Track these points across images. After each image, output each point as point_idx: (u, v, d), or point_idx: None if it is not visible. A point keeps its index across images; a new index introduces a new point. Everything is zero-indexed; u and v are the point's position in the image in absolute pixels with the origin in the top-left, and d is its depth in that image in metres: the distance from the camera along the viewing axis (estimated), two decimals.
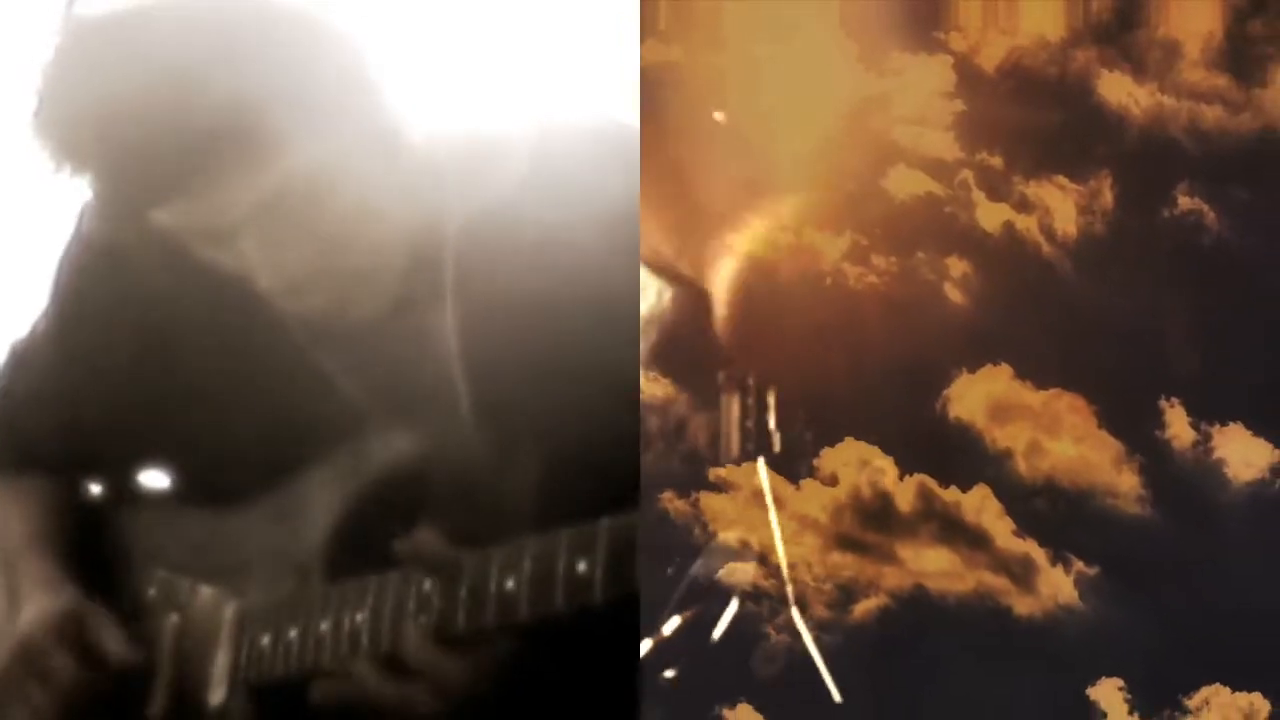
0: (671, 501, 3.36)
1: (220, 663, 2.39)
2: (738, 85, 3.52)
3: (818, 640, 3.46)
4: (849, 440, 3.44)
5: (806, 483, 3.44)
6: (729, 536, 3.40)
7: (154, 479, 2.56)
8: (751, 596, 3.44)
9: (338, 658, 2.28)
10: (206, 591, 2.45)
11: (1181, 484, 3.52)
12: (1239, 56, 3.52)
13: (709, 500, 3.44)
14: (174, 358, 2.47)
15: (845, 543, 3.45)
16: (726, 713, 3.37)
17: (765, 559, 3.45)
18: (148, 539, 2.57)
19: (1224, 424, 3.50)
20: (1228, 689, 3.41)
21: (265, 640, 2.36)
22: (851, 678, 3.45)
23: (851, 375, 3.50)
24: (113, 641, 2.46)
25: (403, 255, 2.31)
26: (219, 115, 2.07)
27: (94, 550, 2.59)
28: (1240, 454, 3.49)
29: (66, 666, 2.43)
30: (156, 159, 2.06)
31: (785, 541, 3.46)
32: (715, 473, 3.42)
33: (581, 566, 2.07)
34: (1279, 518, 3.50)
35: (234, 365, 2.43)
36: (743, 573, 3.44)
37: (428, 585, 2.17)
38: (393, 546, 2.19)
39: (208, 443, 2.47)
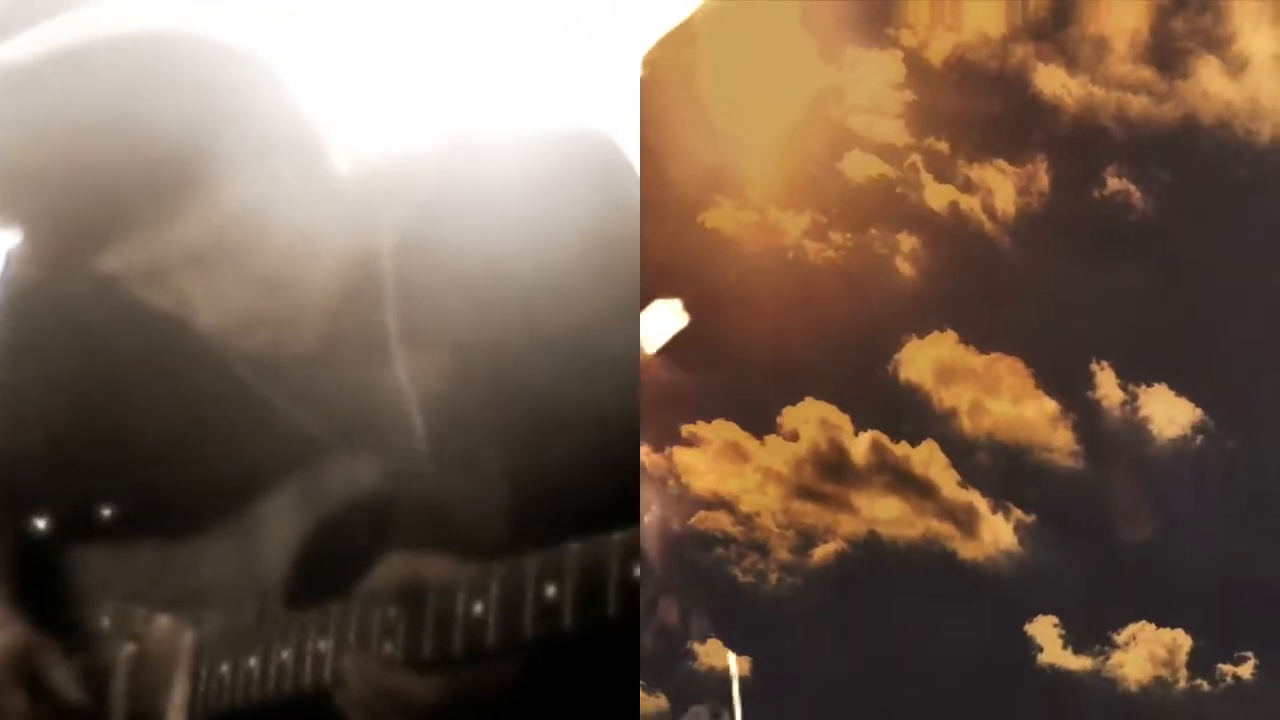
0: (648, 456, 3.42)
1: (178, 692, 2.27)
2: (708, 78, 3.59)
3: (780, 582, 3.59)
4: (809, 400, 3.52)
5: (770, 438, 3.52)
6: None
7: (108, 512, 2.41)
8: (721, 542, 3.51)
9: (300, 686, 2.15)
10: (163, 620, 2.33)
11: (1111, 440, 3.59)
12: (1163, 51, 3.59)
13: (681, 455, 3.51)
14: (121, 395, 2.33)
15: (805, 493, 3.52)
16: (697, 646, 3.46)
17: (734, 508, 3.51)
18: (103, 570, 2.42)
19: (1150, 385, 3.57)
20: (1153, 625, 3.50)
21: (224, 669, 2.24)
22: (811, 615, 3.52)
23: (811, 341, 3.57)
24: (63, 680, 2.33)
25: (341, 283, 2.20)
26: (154, 158, 1.98)
27: (48, 583, 2.45)
28: (1165, 412, 3.57)
29: (17, 705, 2.29)
30: (92, 205, 1.97)
31: (751, 492, 3.52)
32: (687, 429, 3.50)
33: (550, 591, 1.92)
34: (1200, 470, 3.57)
35: (183, 399, 2.30)
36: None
37: (392, 612, 2.05)
38: (360, 583, 2.11)
39: (161, 476, 2.33)
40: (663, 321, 3.31)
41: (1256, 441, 3.58)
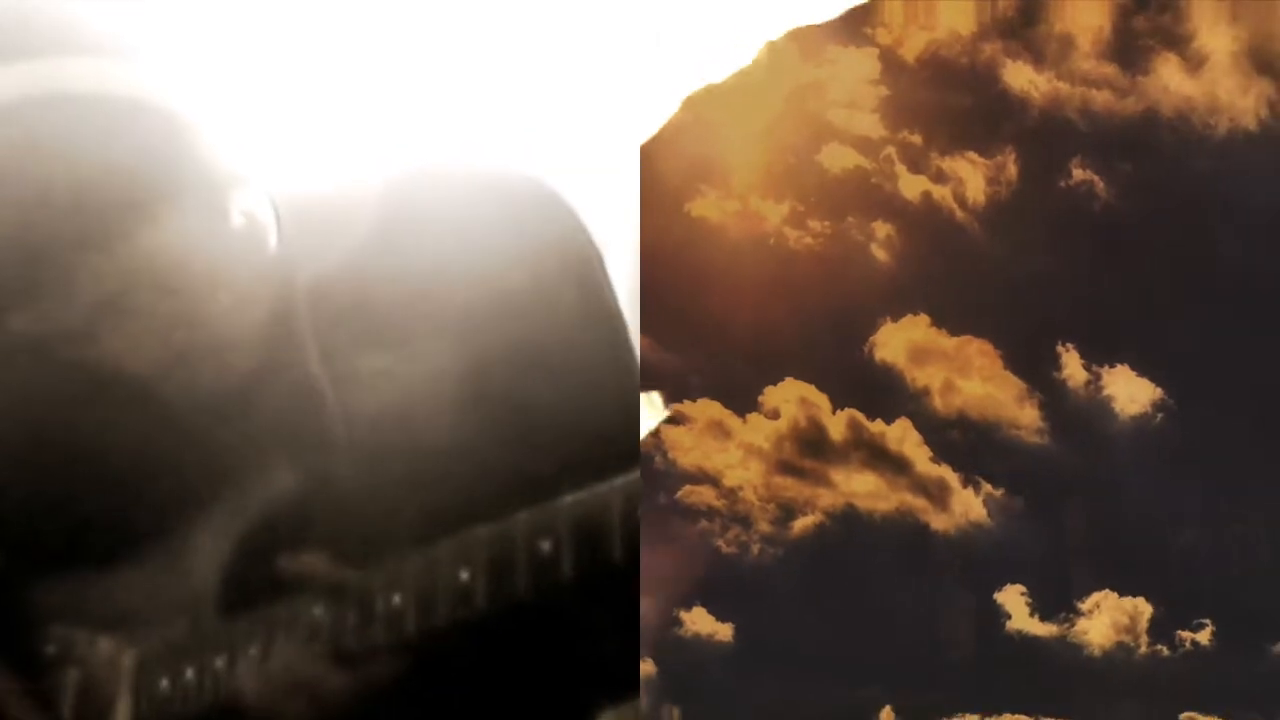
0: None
1: (121, 711, 2.26)
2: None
3: (762, 552, 3.59)
4: (789, 380, 3.58)
5: (752, 416, 3.58)
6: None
7: (47, 544, 2.33)
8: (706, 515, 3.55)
9: (235, 692, 2.16)
10: (104, 643, 2.30)
11: (1075, 418, 3.65)
12: (1125, 48, 3.68)
13: (668, 432, 3.56)
14: (53, 436, 2.26)
15: (786, 468, 3.58)
16: (683, 614, 3.51)
17: (718, 483, 3.57)
18: (44, 599, 2.36)
19: (1112, 366, 3.64)
20: (1115, 594, 3.56)
21: (164, 684, 2.23)
22: (791, 584, 3.58)
23: (791, 323, 3.63)
24: (17, 709, 2.29)
25: (263, 315, 2.19)
26: (59, 220, 1.97)
27: None
28: (1126, 391, 3.64)
29: None
30: (1, 270, 1.95)
31: (734, 467, 3.57)
32: (674, 407, 3.55)
33: (464, 576, 1.95)
34: (1160, 447, 3.64)
35: (113, 435, 2.25)
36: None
37: (317, 611, 2.07)
38: (279, 566, 2.14)
39: (99, 507, 2.28)
40: (647, 415, 3.38)
41: (1213, 419, 3.65)
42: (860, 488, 3.60)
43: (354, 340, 2.21)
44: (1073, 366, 3.67)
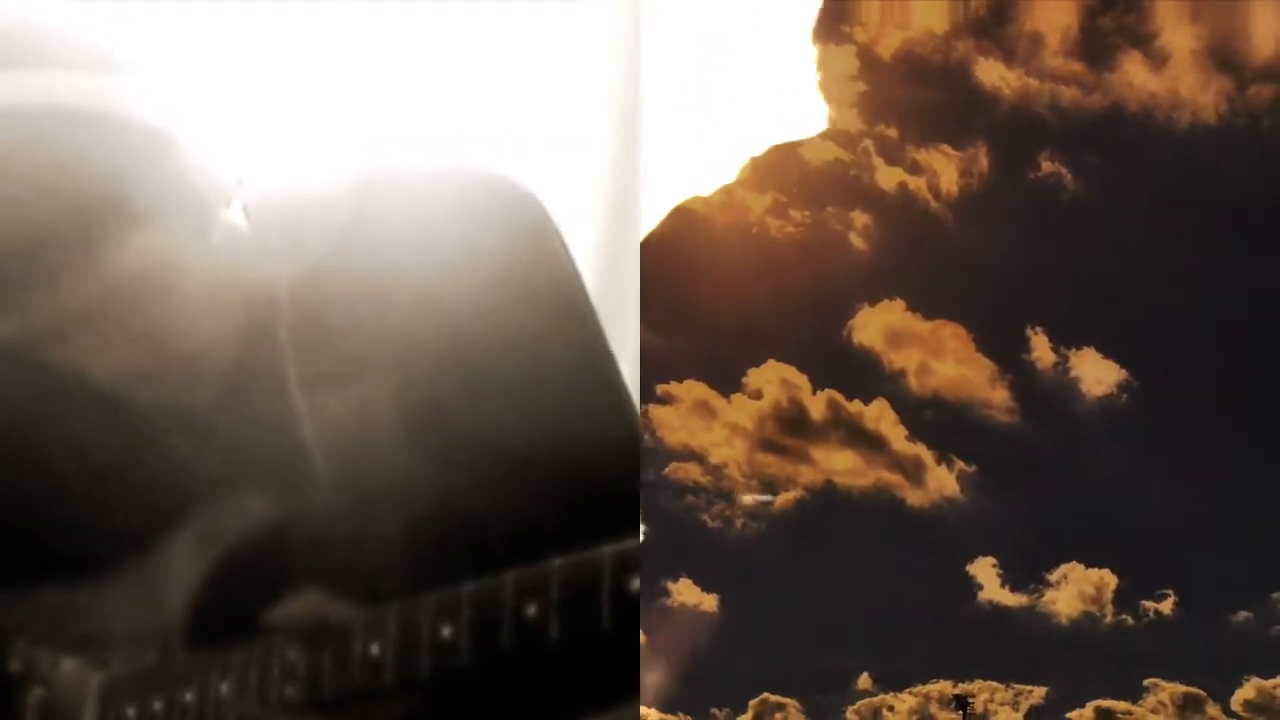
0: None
1: None
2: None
3: (745, 527, 3.79)
4: (771, 361, 3.68)
5: (736, 396, 3.70)
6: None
7: (12, 558, 2.23)
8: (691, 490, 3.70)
9: None
10: (69, 664, 2.20)
11: (1044, 398, 3.83)
12: (1092, 46, 3.82)
13: (656, 412, 3.65)
14: (23, 446, 2.17)
15: (768, 446, 3.68)
16: (670, 585, 3.61)
17: (703, 460, 3.71)
18: (8, 614, 2.24)
19: (1080, 348, 3.81)
20: (1082, 566, 3.70)
21: (130, 713, 2.13)
22: (773, 556, 3.72)
23: (773, 308, 3.77)
24: None
25: (238, 331, 2.11)
26: (45, 227, 1.94)
27: None
28: (1093, 373, 3.80)
29: None
30: None
31: (719, 445, 3.70)
32: (661, 388, 3.67)
33: (446, 632, 1.88)
34: (1125, 426, 3.80)
35: (84, 449, 2.16)
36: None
37: (291, 654, 1.99)
38: (262, 617, 2.05)
39: (64, 521, 2.18)
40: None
41: (1176, 399, 3.78)
42: (839, 465, 3.69)
43: (335, 357, 2.13)
44: (1042, 349, 3.79)
